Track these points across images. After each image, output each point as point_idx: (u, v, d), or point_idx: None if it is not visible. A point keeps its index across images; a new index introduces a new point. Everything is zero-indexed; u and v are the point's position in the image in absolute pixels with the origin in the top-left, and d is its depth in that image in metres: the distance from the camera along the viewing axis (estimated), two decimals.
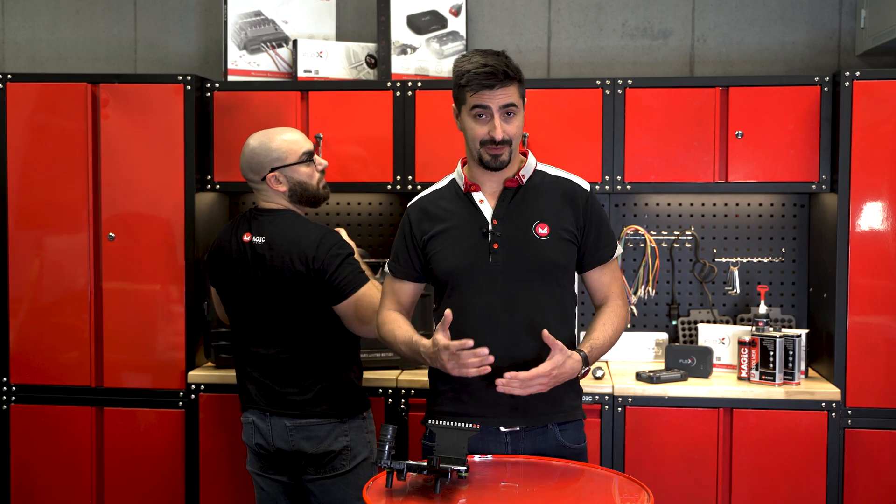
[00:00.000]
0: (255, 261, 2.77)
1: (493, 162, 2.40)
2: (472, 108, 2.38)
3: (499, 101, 2.36)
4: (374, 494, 2.08)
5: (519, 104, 2.40)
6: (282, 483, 2.84)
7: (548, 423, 2.40)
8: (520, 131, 2.42)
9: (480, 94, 2.35)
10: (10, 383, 3.42)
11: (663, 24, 3.74)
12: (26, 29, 3.97)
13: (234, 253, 2.81)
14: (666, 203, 3.65)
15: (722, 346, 3.37)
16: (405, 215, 2.55)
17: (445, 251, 2.43)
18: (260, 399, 2.79)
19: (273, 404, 2.77)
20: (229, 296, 2.87)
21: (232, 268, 2.82)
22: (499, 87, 2.35)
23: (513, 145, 2.40)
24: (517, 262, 2.39)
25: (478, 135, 2.39)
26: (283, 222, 2.79)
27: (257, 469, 2.86)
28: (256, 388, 2.80)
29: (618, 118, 3.31)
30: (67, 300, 3.38)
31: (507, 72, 2.35)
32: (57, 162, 3.37)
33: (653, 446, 3.16)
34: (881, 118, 3.16)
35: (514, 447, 2.40)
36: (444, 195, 2.51)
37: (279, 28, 3.59)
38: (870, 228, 3.17)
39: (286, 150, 2.81)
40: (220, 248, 2.86)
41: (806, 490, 3.12)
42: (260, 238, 2.78)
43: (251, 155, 2.82)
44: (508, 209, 2.43)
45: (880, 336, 3.17)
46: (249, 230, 2.80)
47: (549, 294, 2.41)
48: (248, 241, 2.79)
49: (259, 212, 2.84)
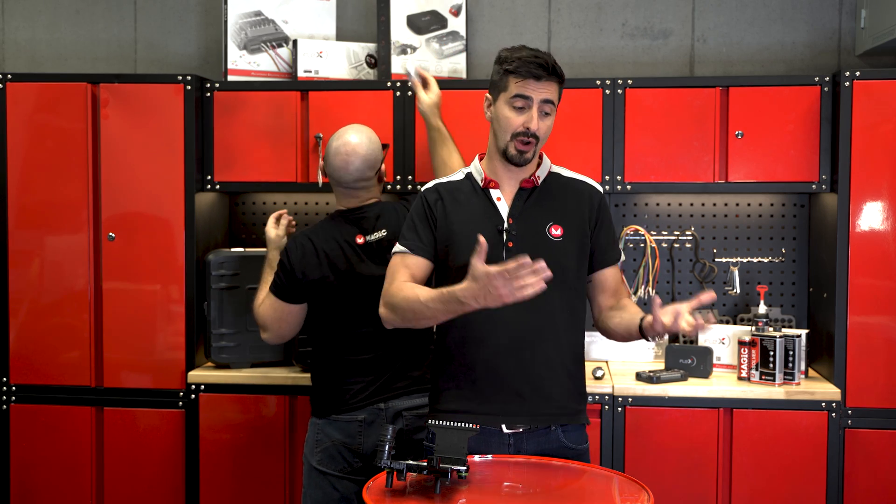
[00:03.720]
0: (376, 258, 2.78)
1: (518, 157, 2.39)
2: (513, 97, 2.37)
3: (542, 94, 2.36)
4: (374, 494, 2.08)
5: (556, 105, 2.41)
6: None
7: (550, 423, 2.40)
8: (548, 132, 2.42)
9: (526, 83, 2.35)
10: (10, 383, 3.42)
11: (663, 24, 3.74)
12: (26, 29, 3.97)
13: (346, 258, 2.79)
14: (666, 203, 3.65)
15: (722, 346, 3.37)
16: (420, 198, 2.51)
17: (459, 244, 2.41)
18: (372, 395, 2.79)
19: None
20: (336, 303, 2.82)
21: (346, 274, 2.79)
22: (545, 81, 2.36)
23: (539, 144, 2.41)
24: None
25: (513, 124, 2.37)
26: (391, 212, 2.84)
27: (336, 470, 2.82)
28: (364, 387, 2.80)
29: (618, 118, 3.31)
30: (67, 300, 3.38)
31: (555, 67, 2.37)
32: (57, 162, 3.37)
33: (653, 446, 3.16)
34: (881, 118, 3.16)
35: (517, 448, 2.39)
36: (459, 188, 2.49)
37: (279, 28, 3.59)
38: (870, 228, 3.17)
39: (378, 139, 2.91)
40: (323, 262, 2.81)
41: (806, 490, 3.12)
42: (380, 234, 2.80)
43: (369, 152, 2.84)
44: (524, 209, 2.43)
45: (880, 336, 3.17)
46: (360, 231, 2.81)
47: (560, 296, 2.40)
48: (362, 242, 2.80)
49: (357, 211, 2.85)
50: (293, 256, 2.82)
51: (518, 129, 2.37)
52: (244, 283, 3.32)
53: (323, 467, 2.81)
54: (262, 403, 3.31)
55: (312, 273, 2.80)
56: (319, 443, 2.83)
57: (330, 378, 2.85)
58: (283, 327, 2.90)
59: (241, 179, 3.44)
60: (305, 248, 2.82)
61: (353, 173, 2.83)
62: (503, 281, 2.09)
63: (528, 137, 2.37)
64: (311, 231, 2.87)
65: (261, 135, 3.40)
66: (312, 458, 2.84)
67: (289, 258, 2.82)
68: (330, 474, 2.81)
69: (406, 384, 2.80)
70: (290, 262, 2.82)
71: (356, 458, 2.80)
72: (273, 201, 3.77)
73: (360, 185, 2.85)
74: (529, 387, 2.37)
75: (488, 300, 2.13)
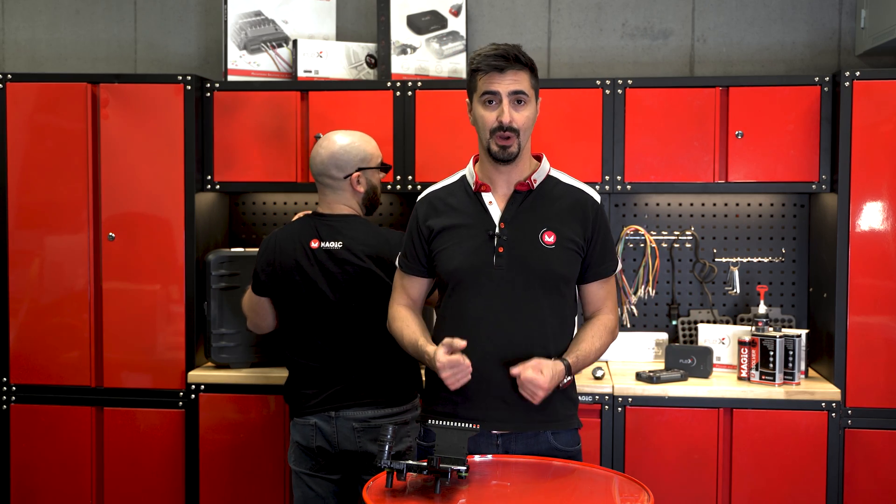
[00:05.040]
0: (325, 267, 2.79)
1: (501, 153, 2.37)
2: (482, 95, 2.37)
3: (508, 86, 2.34)
4: (374, 494, 2.08)
5: (530, 94, 2.38)
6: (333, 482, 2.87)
7: (539, 429, 2.39)
8: (529, 123, 2.39)
9: (490, 78, 2.35)
10: (10, 383, 3.42)
11: (663, 24, 3.74)
12: (26, 29, 3.97)
13: (296, 259, 2.81)
14: (666, 203, 3.65)
15: (722, 346, 3.37)
16: (414, 209, 2.54)
17: (450, 250, 2.42)
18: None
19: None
20: (287, 303, 2.86)
21: (294, 274, 2.82)
22: (509, 72, 2.34)
23: (521, 136, 2.38)
24: (520, 268, 2.37)
25: (487, 122, 2.37)
26: (359, 228, 2.83)
27: (307, 469, 2.86)
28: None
29: (618, 118, 3.31)
30: (67, 300, 3.38)
31: (517, 56, 2.35)
32: (57, 162, 3.37)
33: (653, 446, 3.16)
34: (881, 118, 3.15)
35: (505, 449, 2.39)
36: (453, 191, 2.49)
37: (279, 28, 3.59)
38: (870, 228, 3.17)
39: (373, 152, 2.90)
40: (280, 258, 2.85)
41: (806, 490, 3.12)
42: (334, 244, 2.80)
43: (341, 151, 2.84)
44: (517, 213, 2.41)
45: (880, 336, 3.17)
46: (317, 236, 2.82)
47: (550, 303, 2.39)
48: (315, 247, 2.81)
49: (324, 217, 2.86)
50: (260, 249, 2.92)
51: (493, 125, 2.36)
52: (244, 283, 3.31)
53: (295, 465, 2.89)
54: (262, 403, 3.31)
55: (266, 267, 2.87)
56: (291, 441, 2.90)
57: (289, 380, 2.92)
58: (257, 318, 3.00)
59: (241, 179, 3.44)
60: (269, 243, 2.90)
61: (317, 165, 2.86)
62: (451, 377, 2.29)
63: (504, 132, 2.35)
64: (284, 227, 2.93)
65: (261, 135, 3.40)
66: (289, 458, 2.92)
67: (259, 251, 2.92)
68: (303, 473, 2.87)
69: (358, 396, 2.80)
70: (258, 254, 2.92)
71: (320, 456, 2.83)
72: (273, 201, 3.77)
73: (324, 182, 2.87)
74: (516, 393, 2.34)
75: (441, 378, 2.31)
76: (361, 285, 2.78)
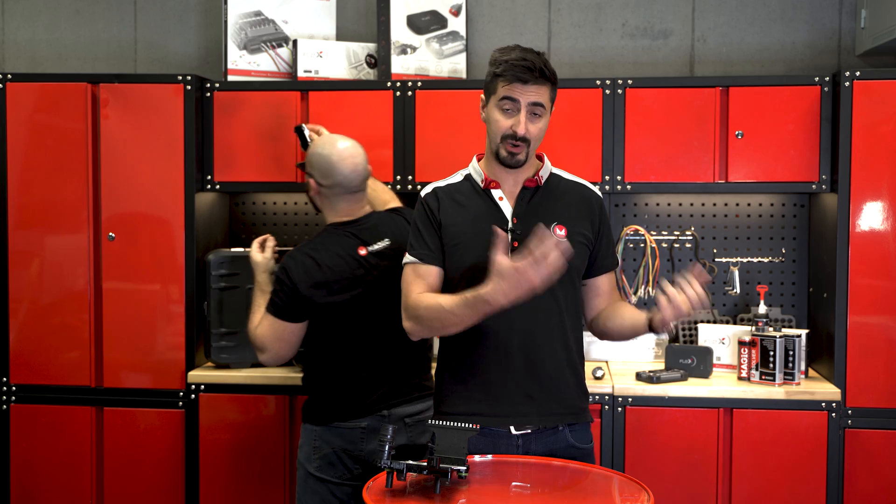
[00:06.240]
0: (380, 268, 2.77)
1: (509, 159, 2.37)
2: (500, 99, 2.36)
3: (529, 97, 2.34)
4: (374, 494, 2.08)
5: (547, 107, 2.38)
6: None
7: (559, 423, 2.40)
8: (541, 134, 2.39)
9: (512, 87, 2.34)
10: (10, 383, 3.42)
11: (663, 24, 3.74)
12: (26, 29, 3.97)
13: (351, 271, 2.76)
14: (666, 203, 3.65)
15: (722, 346, 3.37)
16: (421, 203, 2.48)
17: (464, 245, 2.39)
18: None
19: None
20: (340, 317, 2.78)
21: (352, 287, 2.77)
22: (532, 84, 2.33)
23: (531, 146, 2.38)
24: None
25: (501, 127, 2.36)
26: (388, 221, 2.84)
27: (335, 477, 2.80)
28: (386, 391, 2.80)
29: (618, 118, 3.31)
30: (67, 300, 3.38)
31: (543, 70, 2.33)
32: (57, 162, 3.37)
33: (653, 446, 3.16)
34: (881, 118, 3.16)
35: (525, 449, 2.38)
36: (459, 189, 2.47)
37: (279, 28, 3.59)
38: (870, 228, 3.17)
39: None
40: (331, 277, 2.76)
41: (806, 490, 3.12)
42: (382, 243, 2.79)
43: (364, 160, 2.82)
44: (528, 209, 2.42)
45: (880, 336, 3.17)
46: (361, 243, 2.79)
47: (564, 295, 2.40)
48: (365, 253, 2.78)
49: (354, 223, 2.82)
50: (295, 275, 2.74)
51: (506, 132, 2.36)
52: (244, 283, 3.32)
53: (321, 474, 2.79)
54: (261, 403, 3.31)
55: (317, 289, 2.74)
56: (318, 449, 2.79)
57: (332, 388, 2.81)
58: (283, 347, 2.83)
59: (241, 179, 3.44)
60: (307, 265, 2.75)
61: (362, 173, 2.81)
62: (534, 268, 2.08)
63: (516, 141, 2.36)
64: (310, 247, 2.80)
65: (261, 135, 3.40)
66: (310, 465, 2.80)
67: (289, 276, 2.74)
68: (329, 481, 2.79)
69: (408, 391, 2.80)
70: (291, 280, 2.74)
71: (356, 464, 2.79)
72: (273, 201, 3.77)
73: (361, 188, 2.83)
74: (539, 387, 2.37)
75: (519, 293, 2.12)
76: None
